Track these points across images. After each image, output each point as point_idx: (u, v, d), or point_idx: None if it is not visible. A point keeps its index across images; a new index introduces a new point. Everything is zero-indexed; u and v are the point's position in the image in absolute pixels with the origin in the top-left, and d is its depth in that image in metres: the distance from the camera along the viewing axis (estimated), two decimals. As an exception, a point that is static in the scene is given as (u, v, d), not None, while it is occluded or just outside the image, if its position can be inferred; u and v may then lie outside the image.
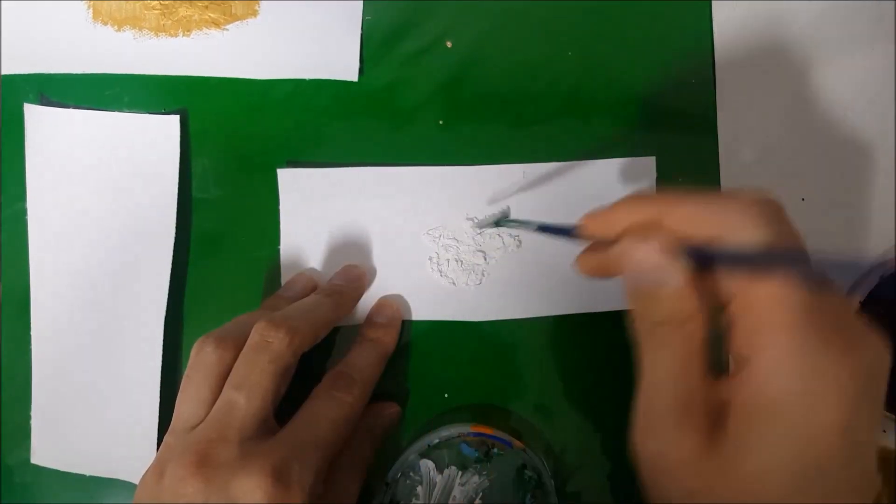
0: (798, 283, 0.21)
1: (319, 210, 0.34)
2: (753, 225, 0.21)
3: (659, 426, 0.23)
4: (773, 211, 0.22)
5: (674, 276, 0.23)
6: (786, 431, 0.20)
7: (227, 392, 0.27)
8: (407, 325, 0.34)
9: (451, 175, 0.34)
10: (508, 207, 0.34)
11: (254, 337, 0.28)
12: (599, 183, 0.34)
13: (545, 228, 0.30)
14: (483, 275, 0.34)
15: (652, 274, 0.23)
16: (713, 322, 0.23)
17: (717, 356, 0.24)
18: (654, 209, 0.24)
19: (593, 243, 0.28)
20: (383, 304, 0.34)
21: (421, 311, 0.34)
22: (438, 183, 0.34)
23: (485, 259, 0.34)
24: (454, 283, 0.34)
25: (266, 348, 0.28)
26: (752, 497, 0.21)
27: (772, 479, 0.21)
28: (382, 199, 0.34)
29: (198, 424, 0.27)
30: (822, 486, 0.20)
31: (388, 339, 0.33)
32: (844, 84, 0.34)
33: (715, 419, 0.22)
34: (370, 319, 0.33)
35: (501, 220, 0.33)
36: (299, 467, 0.26)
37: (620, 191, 0.34)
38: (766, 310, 0.21)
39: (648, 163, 0.34)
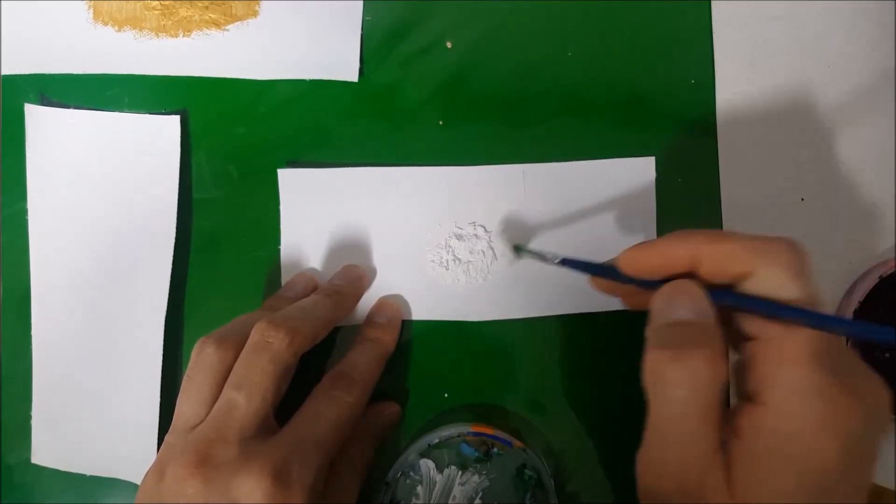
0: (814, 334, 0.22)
1: (320, 210, 0.34)
2: (785, 274, 0.22)
3: (677, 449, 0.23)
4: (803, 262, 0.23)
5: (704, 314, 0.23)
6: (792, 465, 0.21)
7: (227, 392, 0.27)
8: (407, 325, 0.34)
9: (452, 175, 0.34)
10: (509, 235, 0.34)
11: (254, 337, 0.28)
12: (599, 183, 0.34)
13: (568, 262, 0.29)
14: (483, 275, 0.34)
15: (684, 309, 0.24)
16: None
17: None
18: (691, 247, 0.24)
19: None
20: (383, 303, 0.34)
21: (421, 311, 0.34)
22: (438, 183, 0.34)
23: (484, 259, 0.34)
24: (454, 284, 0.34)
25: (266, 348, 0.28)
26: None
27: None
28: (383, 199, 0.34)
29: (199, 424, 0.27)
30: None
31: (389, 338, 0.33)
32: (844, 83, 0.34)
33: (727, 468, 0.22)
34: (370, 319, 0.33)
35: (521, 249, 0.33)
36: (299, 467, 0.26)
37: (620, 191, 0.34)
38: (782, 348, 0.22)
39: (648, 163, 0.34)
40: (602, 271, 0.28)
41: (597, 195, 0.34)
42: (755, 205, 0.34)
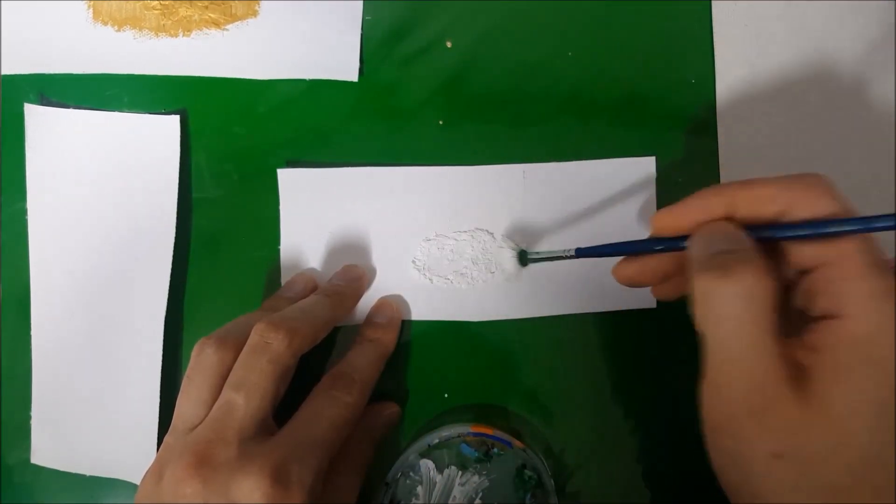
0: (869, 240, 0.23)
1: (319, 210, 0.34)
2: (822, 198, 0.24)
3: (738, 378, 0.22)
4: (832, 187, 0.24)
5: (743, 243, 0.24)
6: (872, 366, 0.21)
7: (227, 393, 0.27)
8: (407, 325, 0.34)
9: (451, 175, 0.34)
10: (524, 246, 0.33)
11: (253, 338, 0.28)
12: (599, 183, 0.34)
13: (585, 252, 0.29)
14: (484, 276, 0.34)
15: (723, 242, 0.24)
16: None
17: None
18: (724, 198, 0.25)
19: (637, 261, 0.28)
20: (383, 304, 0.34)
21: (421, 311, 0.34)
22: (438, 183, 0.34)
23: (485, 260, 0.34)
24: (453, 283, 0.34)
25: (265, 349, 0.28)
26: (840, 438, 0.21)
27: (859, 416, 0.21)
28: (382, 199, 0.34)
29: (198, 425, 0.27)
30: None
31: (388, 338, 0.33)
32: (844, 83, 0.34)
33: (795, 381, 0.22)
34: (370, 319, 0.33)
35: (527, 255, 0.33)
36: (298, 467, 0.26)
37: (621, 191, 0.34)
38: (842, 267, 0.23)
39: (648, 163, 0.34)
40: (626, 248, 0.28)
41: (597, 195, 0.34)
42: (755, 205, 0.34)
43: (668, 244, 0.26)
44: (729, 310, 0.22)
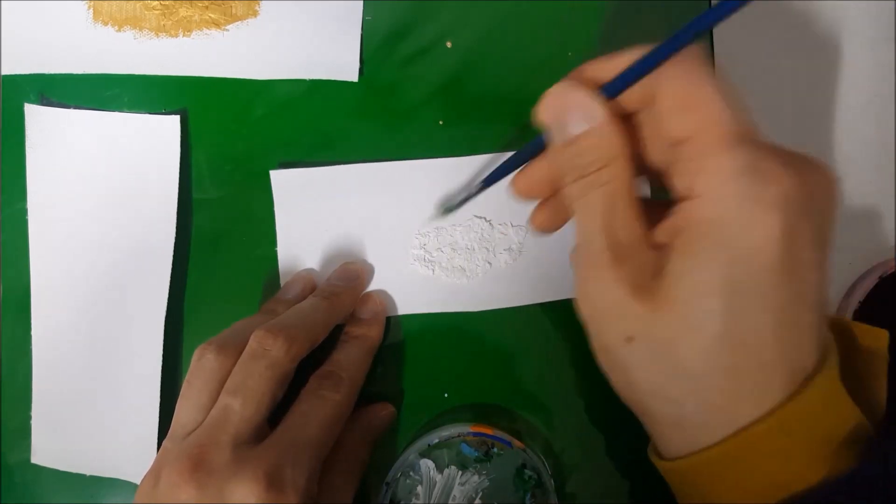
0: (705, 55, 0.22)
1: (314, 209, 0.34)
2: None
3: (593, 273, 0.23)
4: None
5: (594, 112, 0.23)
6: (719, 249, 0.20)
7: (224, 398, 0.28)
8: (407, 325, 0.34)
9: (444, 166, 0.34)
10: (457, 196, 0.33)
11: (251, 345, 0.28)
12: None
13: (490, 177, 0.29)
14: (482, 266, 0.34)
15: (572, 117, 0.23)
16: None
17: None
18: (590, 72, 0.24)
19: (528, 167, 0.27)
20: (366, 298, 0.34)
21: (422, 303, 0.34)
22: (431, 175, 0.34)
23: (482, 249, 0.34)
24: (453, 274, 0.34)
25: (264, 356, 0.28)
26: (687, 322, 0.21)
27: (704, 299, 0.20)
28: (377, 195, 0.34)
29: (195, 429, 0.27)
30: (758, 304, 0.20)
31: (373, 334, 0.33)
32: (844, 83, 0.34)
33: (656, 263, 0.22)
34: (354, 316, 0.33)
35: (449, 205, 0.33)
36: (292, 470, 0.26)
37: None
38: (705, 139, 0.21)
39: None
40: (515, 158, 0.28)
41: None
42: (755, 205, 0.34)
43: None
44: (590, 212, 0.23)
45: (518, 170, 0.28)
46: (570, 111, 0.23)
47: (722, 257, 0.20)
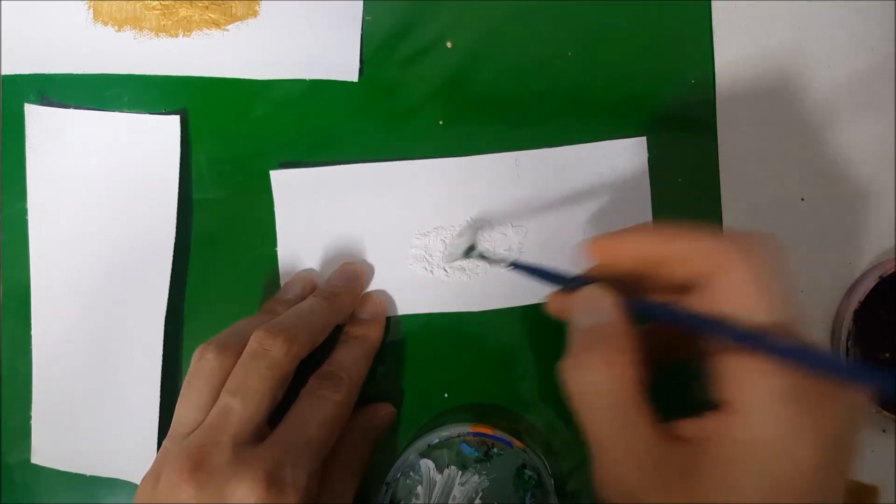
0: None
1: (314, 210, 0.34)
2: (742, 285, 0.22)
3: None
4: (769, 263, 0.22)
5: (610, 312, 0.24)
6: (764, 469, 0.21)
7: (224, 398, 0.28)
8: (407, 325, 0.34)
9: (443, 166, 0.34)
10: (477, 234, 0.34)
11: (252, 345, 0.28)
12: (592, 166, 0.34)
13: (519, 266, 0.30)
14: (481, 266, 0.34)
15: (593, 312, 0.25)
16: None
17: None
18: (660, 238, 0.25)
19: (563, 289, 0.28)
20: (366, 299, 0.34)
21: (422, 304, 0.34)
22: (431, 175, 0.34)
23: (479, 247, 0.34)
24: (453, 274, 0.34)
25: (264, 356, 0.28)
26: None
27: None
28: (377, 196, 0.34)
29: (195, 429, 0.27)
30: None
31: (373, 334, 0.33)
32: (844, 83, 0.34)
33: (683, 461, 0.22)
34: (354, 316, 0.33)
35: (470, 252, 0.33)
36: (292, 470, 0.26)
37: (614, 173, 0.34)
38: (748, 356, 0.22)
39: (640, 143, 0.34)
40: (552, 278, 0.28)
41: (590, 179, 0.34)
42: (755, 204, 0.34)
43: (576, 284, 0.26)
44: (585, 397, 0.24)
45: (552, 292, 0.29)
46: (590, 307, 0.25)
47: (765, 483, 0.21)
